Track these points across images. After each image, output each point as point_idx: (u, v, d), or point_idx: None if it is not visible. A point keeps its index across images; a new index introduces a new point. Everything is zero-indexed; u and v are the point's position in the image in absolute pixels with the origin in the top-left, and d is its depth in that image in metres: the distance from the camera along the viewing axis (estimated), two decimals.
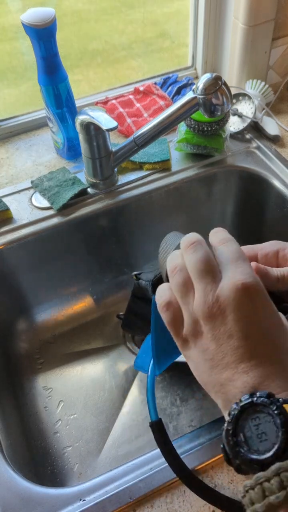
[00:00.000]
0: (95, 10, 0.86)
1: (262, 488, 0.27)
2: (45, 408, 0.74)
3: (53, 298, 0.84)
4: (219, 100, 0.62)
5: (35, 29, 0.65)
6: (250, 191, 0.83)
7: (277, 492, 0.27)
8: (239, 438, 0.29)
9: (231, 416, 0.30)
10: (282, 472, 0.27)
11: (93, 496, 0.47)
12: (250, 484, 0.28)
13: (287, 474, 0.27)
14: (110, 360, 0.80)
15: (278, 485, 0.27)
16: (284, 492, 0.26)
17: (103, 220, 0.77)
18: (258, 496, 0.27)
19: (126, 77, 0.96)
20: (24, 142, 0.88)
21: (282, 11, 0.84)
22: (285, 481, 0.27)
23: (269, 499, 0.27)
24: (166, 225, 0.86)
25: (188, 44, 0.97)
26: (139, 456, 0.50)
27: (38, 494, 0.48)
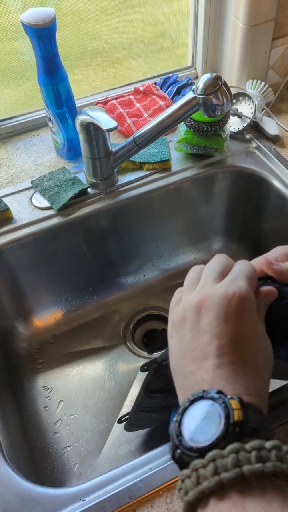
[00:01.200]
0: (95, 10, 0.86)
1: (197, 475, 0.27)
2: (45, 408, 0.74)
3: (53, 298, 0.84)
4: (219, 100, 0.62)
5: (35, 29, 0.65)
6: (250, 191, 0.83)
7: (209, 478, 0.27)
8: (183, 429, 0.30)
9: (181, 409, 0.31)
10: (218, 459, 0.27)
11: (93, 496, 0.47)
12: (187, 473, 0.28)
13: (222, 461, 0.27)
14: (110, 360, 0.80)
15: (212, 471, 0.27)
16: (216, 478, 0.26)
17: (103, 220, 0.77)
18: (192, 484, 0.27)
19: (126, 77, 0.96)
20: (24, 142, 0.88)
21: (282, 11, 0.84)
22: (220, 467, 0.27)
23: (202, 485, 0.27)
24: (166, 225, 0.86)
25: (188, 44, 0.97)
26: (139, 456, 0.50)
27: (38, 494, 0.48)
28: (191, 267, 0.42)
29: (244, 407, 0.29)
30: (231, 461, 0.26)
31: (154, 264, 0.91)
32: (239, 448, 0.27)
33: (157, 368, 0.48)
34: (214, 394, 0.30)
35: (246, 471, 0.26)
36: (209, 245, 0.93)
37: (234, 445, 0.27)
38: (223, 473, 0.26)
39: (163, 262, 0.91)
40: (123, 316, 0.86)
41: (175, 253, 0.91)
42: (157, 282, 0.90)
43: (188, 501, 0.28)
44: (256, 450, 0.27)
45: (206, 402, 0.30)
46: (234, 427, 0.28)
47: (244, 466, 0.26)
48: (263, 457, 0.26)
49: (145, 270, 0.90)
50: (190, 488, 0.28)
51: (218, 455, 0.27)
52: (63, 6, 0.83)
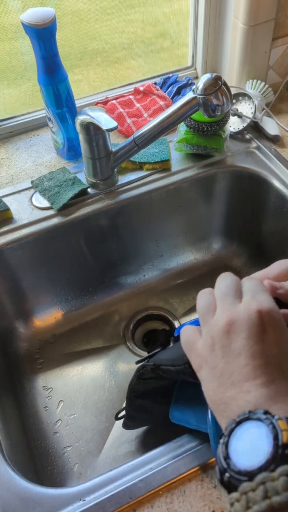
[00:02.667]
0: (95, 10, 0.86)
1: (247, 498, 0.27)
2: (45, 408, 0.74)
3: (53, 298, 0.84)
4: (219, 100, 0.62)
5: (35, 29, 0.65)
6: (250, 191, 0.84)
7: (260, 502, 0.26)
8: (230, 451, 0.30)
9: (227, 431, 0.30)
10: (268, 482, 0.27)
11: (93, 496, 0.47)
12: (236, 496, 0.28)
13: (272, 484, 0.26)
14: (110, 360, 0.80)
15: (262, 494, 0.26)
16: (267, 501, 0.26)
17: (103, 220, 0.77)
18: (242, 508, 0.27)
19: (126, 77, 0.96)
20: (24, 142, 0.88)
21: (282, 11, 0.84)
22: (270, 491, 0.26)
23: (252, 509, 0.26)
24: (166, 225, 0.86)
25: (188, 44, 0.97)
26: (139, 456, 0.50)
27: (38, 494, 0.48)
28: (191, 267, 0.41)
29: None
30: (282, 484, 0.26)
31: (154, 264, 0.91)
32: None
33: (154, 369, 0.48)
34: (260, 415, 0.29)
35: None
36: (209, 245, 0.93)
37: (284, 468, 0.27)
38: (273, 497, 0.26)
39: (163, 262, 0.91)
40: (123, 316, 0.86)
41: (175, 253, 0.91)
42: (157, 282, 0.90)
43: None
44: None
45: (253, 423, 0.29)
46: (284, 449, 0.27)
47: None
48: None
49: (145, 270, 0.90)
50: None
51: (268, 478, 0.27)
52: (63, 6, 0.83)
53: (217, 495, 0.46)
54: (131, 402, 0.58)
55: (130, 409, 0.60)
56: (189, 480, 0.47)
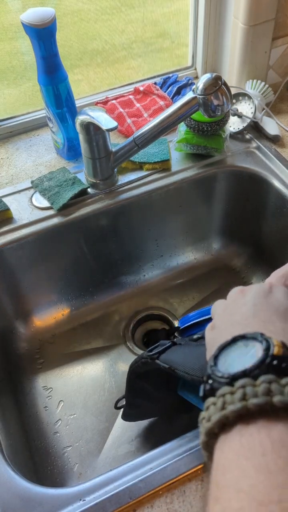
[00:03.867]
0: (95, 10, 0.86)
1: (224, 400, 0.26)
2: (45, 408, 0.74)
3: (53, 298, 0.84)
4: (219, 100, 0.62)
5: (35, 29, 0.65)
6: (250, 191, 0.84)
7: (236, 403, 0.26)
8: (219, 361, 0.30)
9: (219, 346, 0.31)
10: (248, 386, 0.26)
11: (93, 496, 0.47)
12: (212, 400, 0.27)
13: (253, 389, 0.26)
14: (110, 360, 0.80)
15: (240, 396, 0.26)
16: (243, 402, 0.25)
17: (103, 220, 0.77)
18: (217, 409, 0.26)
19: (126, 77, 0.96)
20: (24, 142, 0.88)
21: (282, 11, 0.84)
22: (249, 394, 0.26)
23: (226, 409, 0.26)
24: (166, 225, 0.86)
25: (188, 44, 0.97)
26: (139, 456, 0.50)
27: (38, 494, 0.48)
28: (191, 267, 0.43)
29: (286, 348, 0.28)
30: (262, 389, 0.25)
31: (154, 264, 0.91)
32: (272, 379, 0.26)
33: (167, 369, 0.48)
34: (257, 334, 0.30)
35: (277, 401, 0.25)
36: (209, 245, 0.93)
37: (268, 376, 0.26)
38: (251, 399, 0.25)
39: (163, 262, 0.91)
40: (123, 316, 0.86)
41: (175, 253, 0.91)
42: (157, 282, 0.90)
43: (210, 427, 0.26)
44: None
45: (247, 340, 0.30)
46: (272, 359, 0.27)
47: (275, 396, 0.25)
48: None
49: (145, 270, 0.90)
50: (214, 414, 0.26)
51: (249, 383, 0.26)
52: (63, 6, 0.83)
53: None
54: (131, 386, 0.57)
55: (130, 395, 0.59)
56: (189, 480, 0.47)
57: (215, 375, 0.28)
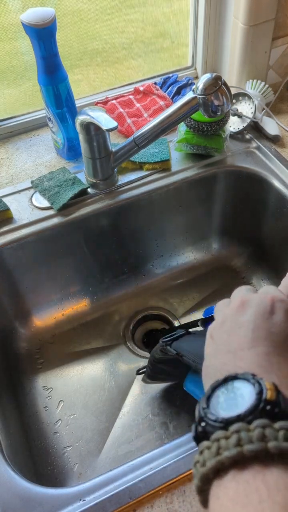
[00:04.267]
0: (95, 10, 0.86)
1: (218, 445, 0.26)
2: (45, 408, 0.74)
3: (53, 298, 0.84)
4: (219, 100, 0.62)
5: (35, 29, 0.65)
6: (250, 191, 0.84)
7: (231, 448, 0.25)
8: (211, 403, 0.29)
9: (211, 386, 0.30)
10: (242, 431, 0.26)
11: (93, 496, 0.47)
12: (207, 444, 0.27)
13: (247, 434, 0.26)
14: (110, 360, 0.80)
15: (235, 442, 0.26)
16: (238, 448, 0.25)
17: (103, 220, 0.77)
18: (211, 455, 0.26)
19: (126, 77, 0.96)
20: (24, 142, 0.88)
21: (282, 11, 0.84)
22: (243, 439, 0.25)
23: (221, 455, 0.26)
24: (166, 225, 0.86)
25: (188, 44, 0.97)
26: (139, 456, 0.50)
27: (38, 494, 0.48)
28: (191, 267, 0.43)
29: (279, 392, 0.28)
30: (257, 435, 0.25)
31: (154, 264, 0.91)
32: (266, 424, 0.26)
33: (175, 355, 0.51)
34: (248, 375, 0.29)
35: (271, 447, 0.25)
36: (209, 245, 0.93)
37: (262, 421, 0.26)
38: (246, 445, 0.25)
39: (163, 262, 0.91)
40: (123, 316, 0.86)
41: (175, 253, 0.91)
42: (157, 282, 0.90)
43: (204, 473, 0.26)
44: (285, 430, 0.25)
45: (239, 381, 0.29)
46: (266, 404, 0.27)
47: (270, 442, 0.25)
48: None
49: (145, 270, 0.90)
50: (208, 459, 0.26)
51: (243, 427, 0.26)
52: (63, 6, 0.83)
53: None
54: (153, 367, 0.62)
55: (150, 371, 0.65)
56: (189, 480, 0.47)
57: (208, 419, 0.28)
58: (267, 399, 0.27)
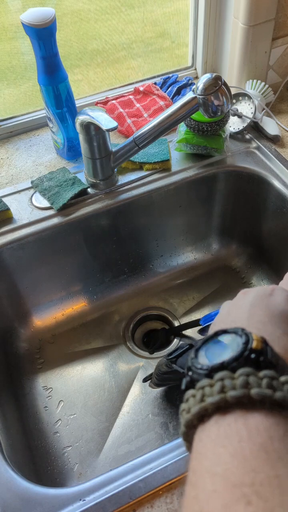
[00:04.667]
0: (95, 10, 0.86)
1: (203, 392, 0.27)
2: (45, 408, 0.74)
3: (53, 298, 0.84)
4: (219, 100, 0.62)
5: (35, 29, 0.65)
6: (250, 191, 0.83)
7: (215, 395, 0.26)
8: (199, 354, 0.30)
9: (203, 339, 0.31)
10: (226, 379, 0.27)
11: (93, 496, 0.47)
12: (192, 392, 0.28)
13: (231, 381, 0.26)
14: (110, 360, 0.80)
15: (219, 389, 0.26)
16: (222, 395, 0.26)
17: (103, 220, 0.77)
18: (196, 402, 0.27)
19: (126, 77, 0.96)
20: (24, 142, 0.88)
21: (282, 11, 0.84)
22: (227, 386, 0.26)
23: (205, 402, 0.26)
24: (166, 225, 0.86)
25: (188, 44, 0.97)
26: (139, 456, 0.50)
27: (38, 494, 0.48)
28: (191, 267, 0.43)
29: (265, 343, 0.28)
30: (240, 382, 0.26)
31: (154, 264, 0.91)
32: (250, 372, 0.26)
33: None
34: (238, 329, 0.30)
35: (254, 394, 0.25)
36: (209, 245, 0.93)
37: (246, 369, 0.27)
38: (229, 391, 0.26)
39: (163, 262, 0.91)
40: (123, 316, 0.86)
41: (175, 253, 0.91)
42: (157, 282, 0.90)
43: (189, 419, 0.27)
44: (268, 378, 0.26)
45: (229, 334, 0.30)
46: (251, 352, 0.28)
47: (252, 389, 0.26)
48: (274, 386, 0.26)
49: (145, 270, 0.90)
50: (193, 406, 0.27)
51: (227, 375, 0.27)
52: (63, 6, 0.83)
53: None
54: (159, 377, 0.63)
55: (157, 381, 0.66)
56: None
57: (195, 367, 0.29)
58: (252, 348, 0.28)
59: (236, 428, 0.25)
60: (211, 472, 0.24)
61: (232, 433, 0.25)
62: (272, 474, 0.23)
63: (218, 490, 0.23)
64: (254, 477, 0.23)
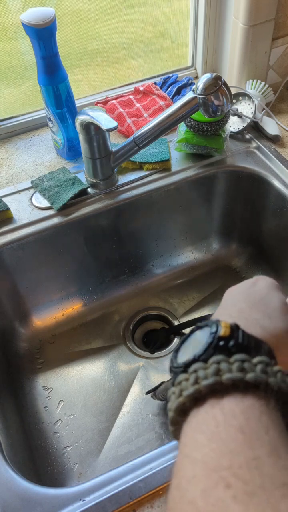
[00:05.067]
0: (95, 10, 0.86)
1: (180, 387, 0.28)
2: (45, 408, 0.74)
3: (53, 298, 0.84)
4: (219, 100, 0.62)
5: (35, 29, 0.65)
6: (250, 191, 0.83)
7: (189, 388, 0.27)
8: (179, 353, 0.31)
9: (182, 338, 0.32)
10: (199, 370, 0.27)
11: (93, 496, 0.47)
12: (173, 389, 0.29)
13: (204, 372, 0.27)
14: (110, 360, 0.80)
15: (193, 381, 0.27)
16: (196, 386, 0.27)
17: (103, 220, 0.77)
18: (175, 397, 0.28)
19: (126, 77, 0.96)
20: (24, 142, 0.88)
21: (282, 11, 0.84)
22: (200, 377, 0.27)
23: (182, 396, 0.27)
24: (166, 225, 0.86)
25: (188, 44, 0.97)
26: (139, 456, 0.50)
27: (38, 494, 0.48)
28: (191, 267, 0.44)
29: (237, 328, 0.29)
30: (212, 370, 0.27)
31: (154, 264, 0.91)
32: (221, 359, 0.27)
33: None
34: (211, 322, 0.31)
35: (225, 379, 0.26)
36: (209, 245, 0.93)
37: (217, 357, 0.27)
38: (202, 381, 0.27)
39: (163, 262, 0.91)
40: (123, 316, 0.86)
41: (175, 253, 0.91)
42: (157, 282, 0.90)
43: (171, 416, 0.28)
44: (240, 362, 0.27)
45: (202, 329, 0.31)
46: (219, 340, 0.28)
47: (224, 375, 0.26)
48: (246, 368, 0.26)
49: (145, 270, 0.90)
50: (173, 402, 0.28)
51: (200, 366, 0.27)
52: (63, 6, 0.83)
53: None
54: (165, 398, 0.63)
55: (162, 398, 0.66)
56: None
57: (173, 367, 0.30)
58: (220, 336, 0.29)
59: (213, 413, 0.26)
60: (190, 458, 0.25)
61: (209, 419, 0.26)
62: (250, 455, 0.23)
63: (197, 475, 0.23)
64: (231, 459, 0.23)
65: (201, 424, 0.26)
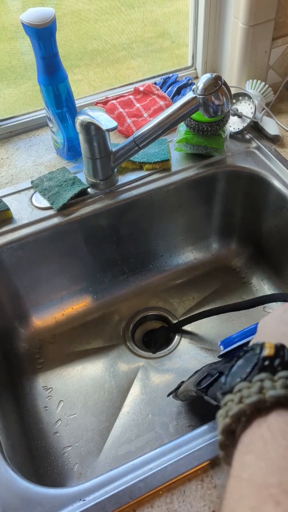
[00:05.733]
0: (95, 10, 0.86)
1: (227, 408, 0.28)
2: (45, 408, 0.74)
3: (53, 298, 0.84)
4: (219, 100, 0.62)
5: (35, 29, 0.65)
6: (250, 191, 0.84)
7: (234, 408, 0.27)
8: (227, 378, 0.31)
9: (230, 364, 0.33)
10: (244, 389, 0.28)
11: (93, 496, 0.47)
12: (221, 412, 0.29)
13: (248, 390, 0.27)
14: (110, 360, 0.80)
15: (237, 400, 0.28)
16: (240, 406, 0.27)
17: (103, 220, 0.77)
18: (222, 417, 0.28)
19: (126, 77, 0.96)
20: (24, 142, 0.88)
21: (282, 10, 0.84)
22: (244, 396, 0.27)
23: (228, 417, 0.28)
24: (166, 225, 0.86)
25: (188, 44, 0.97)
26: (139, 456, 0.50)
27: (38, 494, 0.48)
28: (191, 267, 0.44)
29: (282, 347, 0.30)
30: (255, 389, 0.27)
31: (154, 264, 0.91)
32: (264, 377, 0.27)
33: None
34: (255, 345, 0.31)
35: (268, 396, 0.26)
36: (209, 245, 0.93)
37: (261, 375, 0.28)
38: (245, 400, 0.27)
39: (163, 262, 0.91)
40: (123, 316, 0.86)
41: (175, 253, 0.91)
42: (157, 282, 0.90)
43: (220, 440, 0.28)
44: (284, 379, 0.27)
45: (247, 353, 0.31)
46: (263, 360, 0.29)
47: (267, 392, 0.26)
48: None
49: (145, 270, 0.90)
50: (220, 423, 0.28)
51: (244, 385, 0.28)
52: (63, 6, 0.83)
53: (217, 495, 0.46)
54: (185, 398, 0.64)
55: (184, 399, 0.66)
56: (189, 480, 0.47)
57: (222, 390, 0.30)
58: (265, 356, 0.29)
59: (260, 433, 0.26)
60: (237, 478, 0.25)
61: (257, 439, 0.25)
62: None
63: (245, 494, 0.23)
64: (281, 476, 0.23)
65: (248, 445, 0.26)
